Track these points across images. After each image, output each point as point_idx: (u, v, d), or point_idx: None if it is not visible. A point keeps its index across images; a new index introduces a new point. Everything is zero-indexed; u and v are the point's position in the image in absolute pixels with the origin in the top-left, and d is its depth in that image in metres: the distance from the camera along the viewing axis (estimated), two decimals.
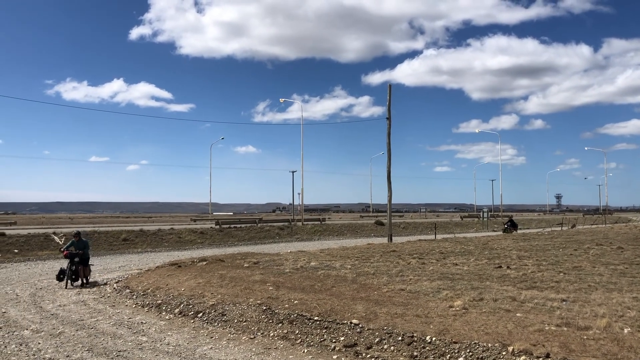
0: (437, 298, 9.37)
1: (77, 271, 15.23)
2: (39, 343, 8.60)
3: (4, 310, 11.45)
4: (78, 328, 9.68)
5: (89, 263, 16.00)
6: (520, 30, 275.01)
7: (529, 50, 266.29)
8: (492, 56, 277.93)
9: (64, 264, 15.87)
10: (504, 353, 6.61)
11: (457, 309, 8.47)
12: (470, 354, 6.79)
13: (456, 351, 6.95)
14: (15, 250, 26.74)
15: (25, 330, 9.50)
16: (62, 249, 15.95)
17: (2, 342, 8.64)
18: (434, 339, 7.34)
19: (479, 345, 6.91)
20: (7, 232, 31.81)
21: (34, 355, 7.91)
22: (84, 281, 15.44)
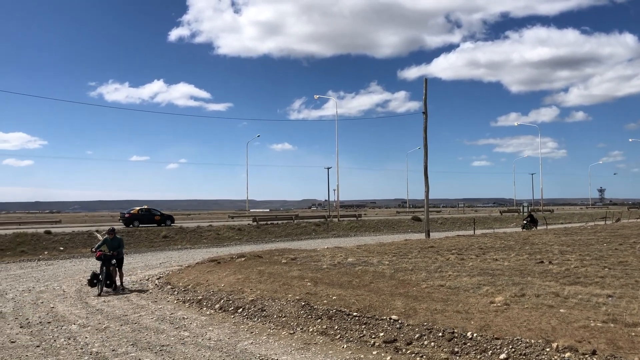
0: (477, 294, 9.25)
1: (110, 275, 13.72)
2: (86, 337, 8.86)
3: (52, 306, 11.84)
4: (122, 323, 9.94)
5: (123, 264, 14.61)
6: (561, 20, 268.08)
7: (570, 41, 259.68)
8: (531, 48, 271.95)
9: (97, 265, 14.77)
10: (547, 349, 6.48)
11: (499, 304, 8.34)
12: (513, 350, 6.68)
13: (498, 347, 6.85)
14: (61, 248, 27.60)
15: (73, 325, 9.80)
16: (93, 249, 14.28)
17: (51, 336, 8.94)
18: (475, 335, 7.25)
19: (521, 341, 6.80)
20: (53, 230, 32.84)
21: (81, 348, 8.15)
22: (118, 285, 13.95)
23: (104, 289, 13.45)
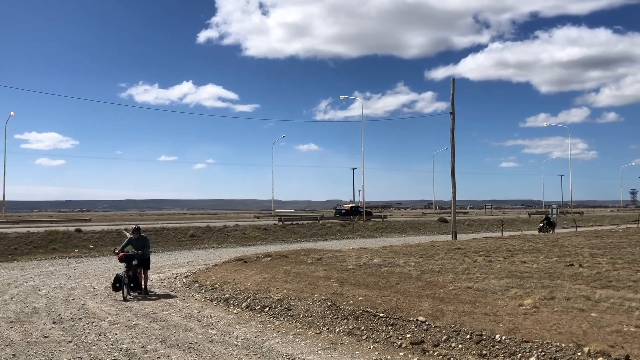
0: (505, 296, 9.13)
1: (135, 277, 12.85)
2: (116, 334, 9.02)
3: (83, 302, 12.08)
4: (151, 320, 10.09)
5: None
6: (592, 20, 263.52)
7: (602, 40, 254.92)
8: (561, 48, 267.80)
9: (121, 267, 13.57)
10: (579, 354, 6.37)
11: (528, 307, 8.23)
12: (543, 353, 6.59)
13: (527, 351, 6.76)
14: (91, 246, 28.12)
15: (103, 322, 9.99)
16: (116, 251, 13.35)
17: (83, 332, 9.12)
18: (503, 337, 7.17)
19: (551, 345, 6.69)
20: (83, 228, 33.47)
21: (112, 345, 8.30)
22: (143, 289, 13.06)
23: (130, 292, 12.70)
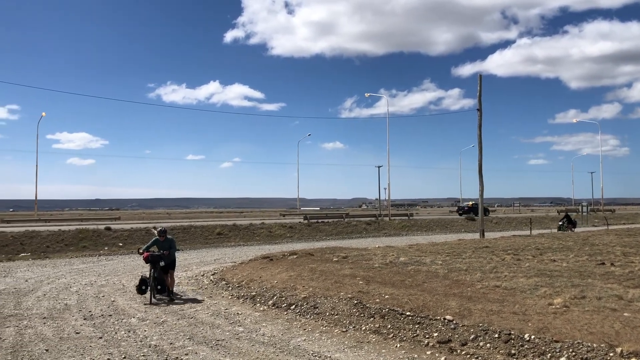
0: (534, 295, 8.99)
1: (162, 280, 12.14)
2: (145, 330, 9.16)
3: (113, 299, 12.29)
4: (179, 317, 10.21)
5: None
6: (624, 13, 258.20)
7: (634, 34, 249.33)
8: (592, 42, 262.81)
9: (146, 269, 13.31)
10: (611, 354, 6.24)
11: (557, 306, 8.08)
12: (574, 354, 6.47)
13: (557, 351, 6.64)
14: (120, 244, 28.60)
15: (132, 318, 10.15)
16: (141, 251, 12.50)
17: (112, 329, 9.29)
18: (533, 337, 7.06)
19: (582, 345, 6.57)
20: (113, 226, 34.06)
21: (141, 341, 8.43)
22: (170, 292, 12.24)
23: (155, 296, 12.04)
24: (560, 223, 34.28)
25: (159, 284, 12.06)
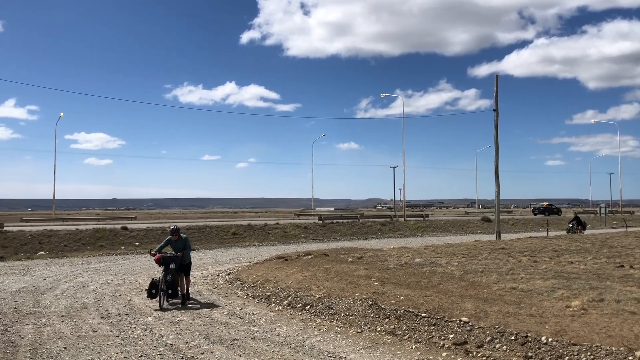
0: (552, 298, 8.90)
1: (174, 283, 11.44)
2: (161, 329, 9.22)
3: (129, 298, 12.40)
4: (195, 317, 10.27)
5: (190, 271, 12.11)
6: None
7: None
8: (610, 42, 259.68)
9: (158, 270, 12.78)
10: (630, 358, 6.15)
11: (575, 309, 7.99)
12: (592, 357, 6.39)
13: (575, 354, 6.57)
14: (136, 243, 28.84)
15: (149, 317, 10.23)
16: (153, 252, 11.77)
17: (129, 327, 9.37)
18: (550, 339, 6.99)
19: (601, 348, 6.48)
20: (129, 226, 34.37)
21: (157, 340, 8.49)
22: (184, 296, 11.66)
23: (167, 300, 11.42)
24: (570, 225, 33.67)
25: (170, 288, 11.32)
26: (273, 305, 11.26)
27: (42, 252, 25.19)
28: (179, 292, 11.61)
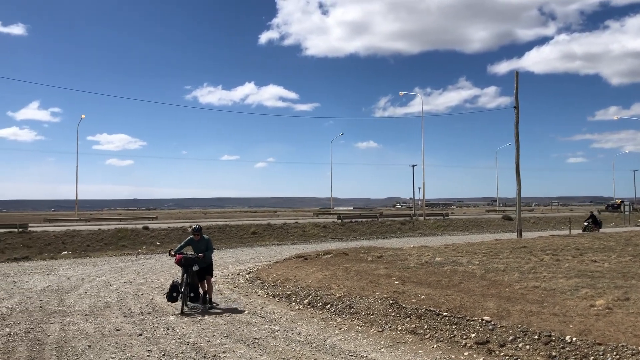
0: (575, 296, 8.78)
1: (196, 285, 11.03)
2: (183, 328, 9.31)
3: (151, 297, 12.53)
4: (216, 315, 10.34)
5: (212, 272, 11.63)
6: None
7: None
8: (634, 37, 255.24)
9: (178, 272, 12.22)
10: None
11: (600, 308, 7.88)
12: (618, 357, 6.29)
13: (600, 353, 6.47)
14: (158, 243, 29.14)
15: (171, 316, 10.32)
16: (172, 252, 11.23)
17: (152, 326, 9.47)
18: (574, 339, 6.89)
19: (627, 348, 6.38)
20: (150, 226, 34.74)
21: (179, 338, 8.57)
22: (206, 300, 11.27)
23: (188, 303, 10.94)
24: (586, 224, 33.06)
25: (192, 291, 10.87)
26: (293, 304, 11.28)
27: (66, 252, 25.58)
28: (202, 295, 11.20)
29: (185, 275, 10.85)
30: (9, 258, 23.14)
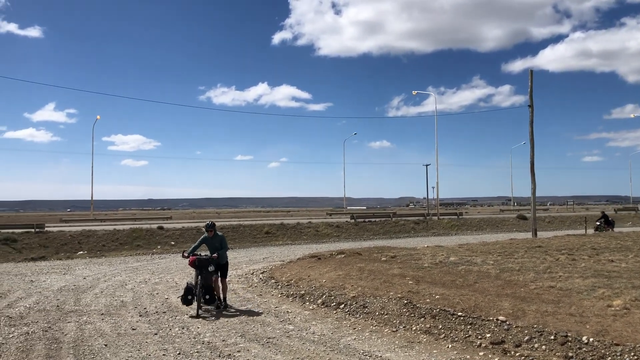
0: (592, 296, 8.69)
1: (211, 287, 10.68)
2: (198, 327, 9.36)
3: (166, 297, 12.61)
4: (230, 315, 10.38)
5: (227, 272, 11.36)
6: None
7: None
8: None
9: (191, 273, 12.18)
10: None
11: (617, 308, 7.79)
12: (636, 357, 6.22)
13: (618, 354, 6.40)
14: (172, 243, 29.31)
15: (185, 316, 10.38)
16: (186, 254, 10.96)
17: (167, 325, 9.53)
18: (591, 339, 6.83)
19: None
20: (165, 226, 34.95)
21: (194, 338, 8.62)
22: (221, 301, 11.05)
23: (203, 306, 10.64)
24: (598, 223, 32.58)
25: (207, 293, 10.59)
26: (307, 303, 11.30)
27: (82, 252, 25.83)
28: (217, 298, 10.93)
29: (199, 277, 10.63)
30: (26, 258, 23.43)
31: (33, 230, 30.27)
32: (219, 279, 11.05)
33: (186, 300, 10.53)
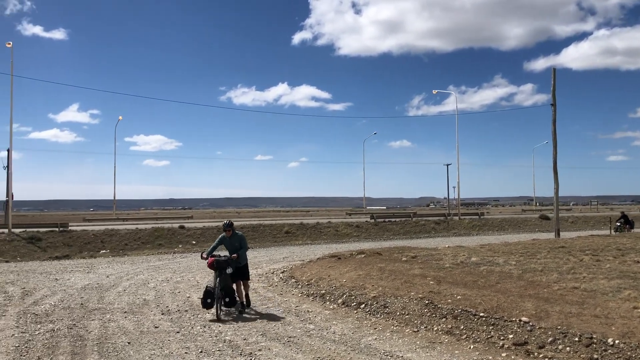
0: (617, 298, 8.55)
1: (231, 289, 10.37)
2: (219, 326, 9.42)
3: (188, 295, 12.73)
4: (252, 314, 10.43)
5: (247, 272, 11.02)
6: None
7: None
8: None
9: (211, 275, 12.07)
10: None
11: None
12: None
13: None
14: (193, 242, 29.57)
15: (207, 314, 10.46)
16: (204, 255, 10.70)
17: (189, 324, 9.62)
18: (617, 341, 6.71)
19: None
20: (186, 225, 35.25)
21: (216, 336, 8.68)
22: (242, 304, 10.71)
23: (223, 309, 10.39)
24: (618, 224, 31.96)
25: (227, 296, 10.23)
26: (328, 303, 11.30)
27: (104, 251, 26.20)
28: (236, 301, 10.53)
29: (218, 279, 10.27)
30: (50, 256, 23.85)
31: (57, 229, 30.79)
32: (240, 282, 10.77)
33: (206, 304, 10.18)
